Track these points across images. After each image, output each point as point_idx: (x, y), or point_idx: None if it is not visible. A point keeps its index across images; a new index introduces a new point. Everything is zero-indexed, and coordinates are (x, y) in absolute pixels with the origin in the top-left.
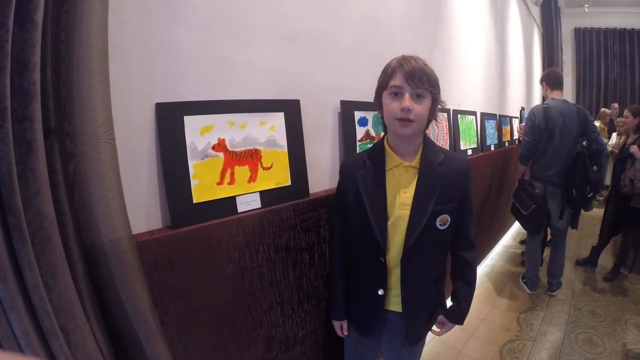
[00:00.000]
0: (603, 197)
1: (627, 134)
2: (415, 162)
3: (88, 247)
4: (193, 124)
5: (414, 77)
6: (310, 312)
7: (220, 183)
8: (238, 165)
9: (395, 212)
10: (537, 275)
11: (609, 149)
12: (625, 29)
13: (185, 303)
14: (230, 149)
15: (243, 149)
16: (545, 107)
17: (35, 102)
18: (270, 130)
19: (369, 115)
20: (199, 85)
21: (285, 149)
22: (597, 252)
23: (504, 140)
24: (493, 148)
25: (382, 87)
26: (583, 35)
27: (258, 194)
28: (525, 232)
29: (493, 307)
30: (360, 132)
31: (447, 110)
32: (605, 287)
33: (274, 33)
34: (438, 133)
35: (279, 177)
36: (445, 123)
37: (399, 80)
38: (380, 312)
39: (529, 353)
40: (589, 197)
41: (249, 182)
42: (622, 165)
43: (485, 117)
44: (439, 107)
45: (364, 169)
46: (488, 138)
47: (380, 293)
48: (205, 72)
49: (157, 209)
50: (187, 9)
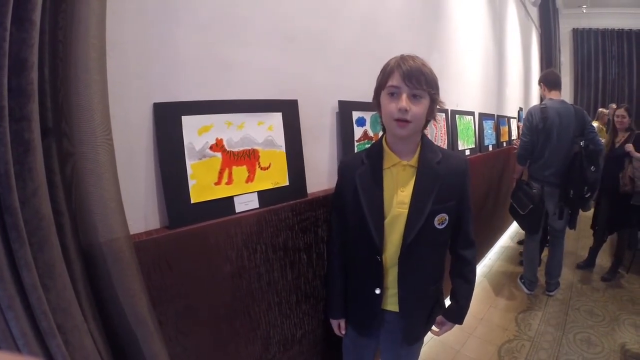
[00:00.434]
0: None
1: (615, 133)
2: (414, 161)
3: (86, 247)
4: (191, 124)
5: (412, 77)
6: (308, 312)
7: (218, 183)
8: (236, 165)
9: (393, 210)
10: (535, 276)
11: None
12: (623, 30)
13: (183, 303)
14: (228, 149)
15: (241, 149)
16: (543, 107)
17: (33, 101)
18: (268, 131)
19: (367, 116)
20: (197, 85)
21: (283, 149)
22: (594, 252)
23: (502, 141)
24: (491, 148)
25: (380, 86)
26: (581, 36)
27: (256, 194)
28: (523, 232)
29: (491, 307)
30: (358, 132)
31: (445, 111)
32: (603, 287)
33: (272, 33)
34: (436, 133)
35: (277, 177)
36: (443, 123)
37: (397, 81)
38: (378, 311)
39: (527, 353)
40: (587, 197)
41: (247, 182)
42: (613, 165)
43: (483, 117)
44: (438, 107)
45: (362, 168)
46: (486, 138)
47: (377, 292)
48: (203, 72)
49: (154, 209)
50: (185, 9)
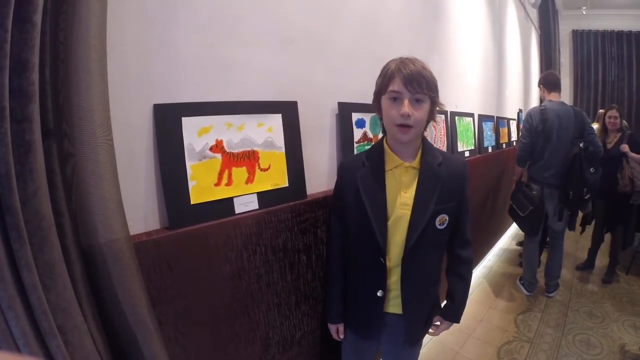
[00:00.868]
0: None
1: (605, 134)
2: (416, 162)
3: (86, 247)
4: (191, 125)
5: (413, 81)
6: (308, 313)
7: (218, 184)
8: (236, 167)
9: (396, 212)
10: (534, 277)
11: None
12: (623, 31)
13: (183, 303)
14: (228, 150)
15: (241, 150)
16: (543, 109)
17: (34, 102)
18: (268, 132)
19: (367, 117)
20: (197, 87)
21: (283, 151)
22: (593, 253)
23: (502, 142)
24: (490, 150)
25: (380, 91)
26: (581, 38)
27: (255, 195)
28: (523, 233)
29: (491, 308)
30: (358, 133)
31: (444, 112)
32: (603, 288)
33: (272, 34)
34: (435, 135)
35: (277, 178)
36: (443, 125)
37: (398, 86)
38: (380, 314)
39: (527, 354)
40: (586, 198)
41: (247, 183)
42: (606, 166)
43: (483, 119)
44: (437, 108)
45: (363, 170)
46: (485, 140)
47: (380, 295)
48: (203, 73)
49: (154, 210)
50: (185, 10)
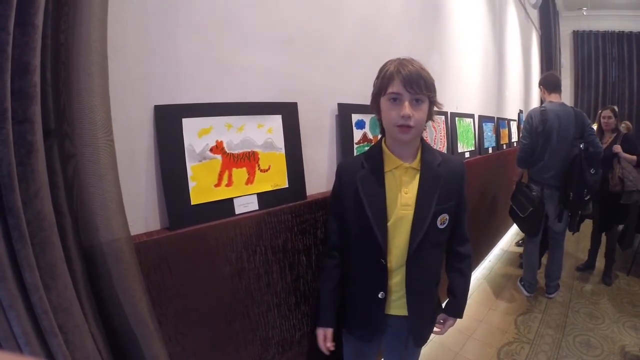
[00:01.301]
0: None
1: (602, 135)
2: (416, 163)
3: (87, 247)
4: (191, 126)
5: (412, 82)
6: (307, 313)
7: (218, 185)
8: (236, 168)
9: (397, 212)
10: (535, 278)
11: None
12: (624, 32)
13: (183, 304)
14: (228, 151)
15: (241, 151)
16: (543, 110)
17: (35, 104)
18: (268, 133)
19: (367, 118)
20: (197, 88)
21: (283, 152)
22: (593, 254)
23: (502, 143)
24: (491, 151)
25: (379, 93)
26: (581, 38)
27: (255, 196)
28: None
29: (491, 309)
30: (358, 134)
31: (444, 113)
32: (603, 289)
33: (272, 36)
34: (435, 136)
35: (277, 179)
36: (443, 126)
37: (398, 87)
38: (381, 316)
39: (527, 355)
40: (586, 199)
41: (247, 184)
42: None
43: (483, 119)
44: (436, 108)
45: (362, 171)
46: (486, 141)
47: (381, 296)
48: (204, 74)
49: (155, 210)
50: (185, 12)
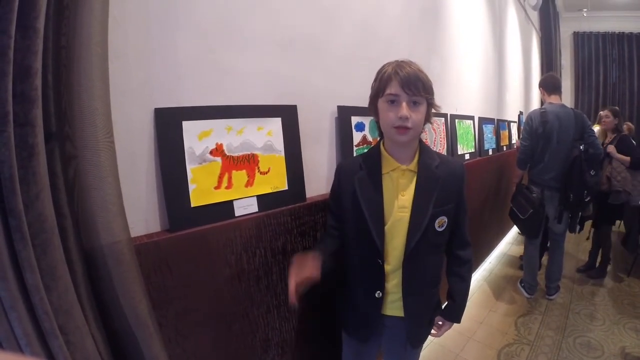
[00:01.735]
0: None
1: (604, 134)
2: (413, 165)
3: (87, 249)
4: (191, 129)
5: (410, 84)
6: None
7: (218, 187)
8: (235, 170)
9: (394, 214)
10: (535, 280)
11: None
12: (624, 33)
13: (183, 305)
14: (228, 154)
15: (240, 154)
16: (543, 111)
17: (37, 107)
18: (268, 135)
19: (366, 121)
20: (198, 91)
21: (283, 154)
22: (593, 255)
23: (502, 145)
24: (491, 152)
25: (377, 94)
26: (582, 39)
27: (255, 199)
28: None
29: (491, 311)
30: (357, 137)
31: (444, 115)
32: (604, 290)
33: (272, 39)
34: (435, 137)
35: (276, 181)
36: (443, 127)
37: (395, 89)
38: (378, 315)
39: (527, 357)
40: (587, 201)
41: (246, 186)
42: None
43: (483, 121)
44: (434, 110)
45: (360, 173)
46: (486, 142)
47: (378, 295)
48: (204, 77)
49: (155, 213)
50: (186, 16)
